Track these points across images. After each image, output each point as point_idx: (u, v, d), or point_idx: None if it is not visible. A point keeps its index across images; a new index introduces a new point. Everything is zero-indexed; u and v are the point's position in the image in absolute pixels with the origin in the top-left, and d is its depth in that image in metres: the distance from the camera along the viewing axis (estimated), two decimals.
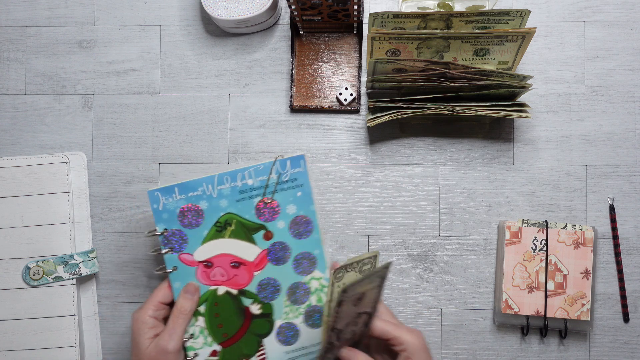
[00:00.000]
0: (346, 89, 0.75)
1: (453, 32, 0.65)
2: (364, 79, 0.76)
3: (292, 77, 0.76)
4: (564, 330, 0.72)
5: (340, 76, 0.76)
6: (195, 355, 0.67)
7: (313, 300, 0.69)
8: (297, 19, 0.72)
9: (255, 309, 0.68)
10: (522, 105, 0.69)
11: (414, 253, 0.74)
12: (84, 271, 0.73)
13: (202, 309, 0.67)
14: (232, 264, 0.68)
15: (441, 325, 0.74)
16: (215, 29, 0.77)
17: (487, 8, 0.72)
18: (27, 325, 0.72)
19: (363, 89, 0.76)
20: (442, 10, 0.71)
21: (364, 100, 0.76)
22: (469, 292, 0.74)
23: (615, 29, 0.75)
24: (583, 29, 0.75)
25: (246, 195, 0.67)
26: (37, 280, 0.72)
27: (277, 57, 0.77)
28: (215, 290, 0.67)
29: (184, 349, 0.66)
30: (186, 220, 0.67)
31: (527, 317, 0.72)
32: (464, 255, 0.74)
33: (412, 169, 0.75)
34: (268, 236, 0.68)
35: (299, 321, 0.69)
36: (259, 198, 0.68)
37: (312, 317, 0.69)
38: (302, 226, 0.68)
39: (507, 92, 0.69)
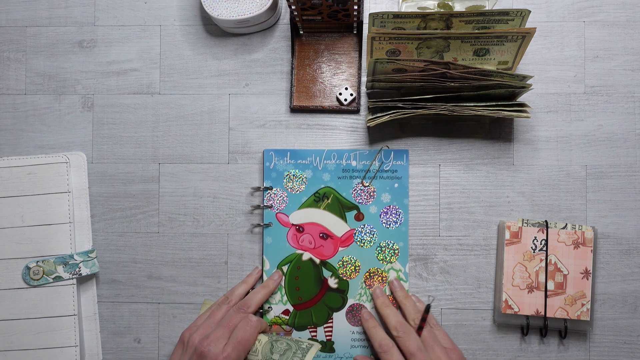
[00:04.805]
0: (346, 89, 0.75)
1: (453, 32, 0.65)
2: (364, 79, 0.76)
3: (292, 77, 0.76)
4: (564, 330, 0.71)
5: (340, 76, 0.76)
6: (270, 309, 0.73)
7: (388, 290, 0.73)
8: (297, 19, 0.72)
9: (333, 282, 0.73)
10: (522, 105, 0.69)
11: (414, 253, 0.74)
12: (84, 271, 0.73)
13: (285, 268, 0.73)
14: (320, 235, 0.73)
15: (441, 325, 0.74)
16: (215, 29, 0.77)
17: (487, 8, 0.72)
18: (27, 325, 0.72)
19: (363, 89, 0.76)
20: (442, 10, 0.71)
21: (364, 100, 0.76)
22: (469, 292, 0.74)
23: (615, 29, 0.75)
24: (583, 29, 0.75)
25: (347, 175, 0.73)
26: (37, 280, 0.72)
27: (277, 57, 0.77)
28: (301, 255, 0.73)
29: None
30: (290, 183, 0.73)
31: (527, 317, 0.72)
32: (464, 255, 0.74)
33: (412, 169, 0.75)
34: (359, 217, 0.73)
35: (370, 306, 0.73)
36: (359, 180, 0.73)
37: None
38: (393, 216, 0.73)
39: (507, 92, 0.69)
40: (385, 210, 0.73)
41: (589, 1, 0.75)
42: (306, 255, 0.73)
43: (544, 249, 0.71)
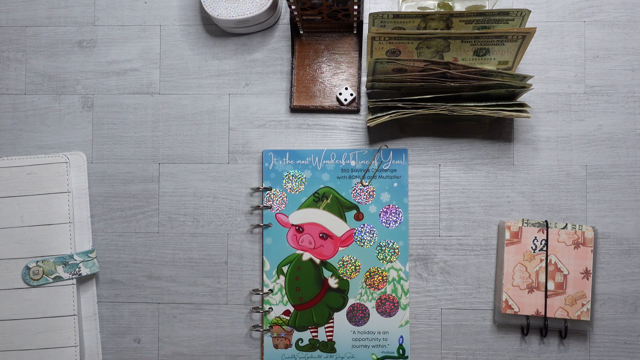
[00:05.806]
0: (346, 89, 0.75)
1: (453, 32, 0.65)
2: (364, 79, 0.76)
3: (292, 77, 0.76)
4: (564, 330, 0.72)
5: (340, 76, 0.76)
6: (270, 309, 0.73)
7: (388, 289, 0.73)
8: (297, 19, 0.72)
9: (333, 282, 0.73)
10: (522, 105, 0.69)
11: (414, 253, 0.74)
12: (84, 271, 0.73)
13: (285, 269, 0.73)
14: (320, 235, 0.73)
15: (441, 325, 0.74)
16: (215, 29, 0.77)
17: (487, 8, 0.72)
18: (27, 325, 0.72)
19: (363, 89, 0.76)
20: (442, 10, 0.71)
21: (364, 100, 0.76)
22: (469, 292, 0.74)
23: (615, 29, 0.75)
24: (583, 29, 0.75)
25: (347, 175, 0.73)
26: (37, 280, 0.72)
27: (277, 57, 0.77)
28: (301, 255, 0.73)
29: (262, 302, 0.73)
30: (289, 184, 0.73)
31: (527, 317, 0.72)
32: (464, 255, 0.74)
33: (412, 169, 0.75)
34: (359, 217, 0.73)
35: (370, 305, 0.73)
36: (358, 180, 0.73)
37: (384, 304, 0.73)
38: (392, 215, 0.73)
39: (507, 92, 0.69)
40: (384, 209, 0.73)
41: (589, 1, 0.75)
42: (306, 256, 0.73)
43: (544, 249, 0.71)
